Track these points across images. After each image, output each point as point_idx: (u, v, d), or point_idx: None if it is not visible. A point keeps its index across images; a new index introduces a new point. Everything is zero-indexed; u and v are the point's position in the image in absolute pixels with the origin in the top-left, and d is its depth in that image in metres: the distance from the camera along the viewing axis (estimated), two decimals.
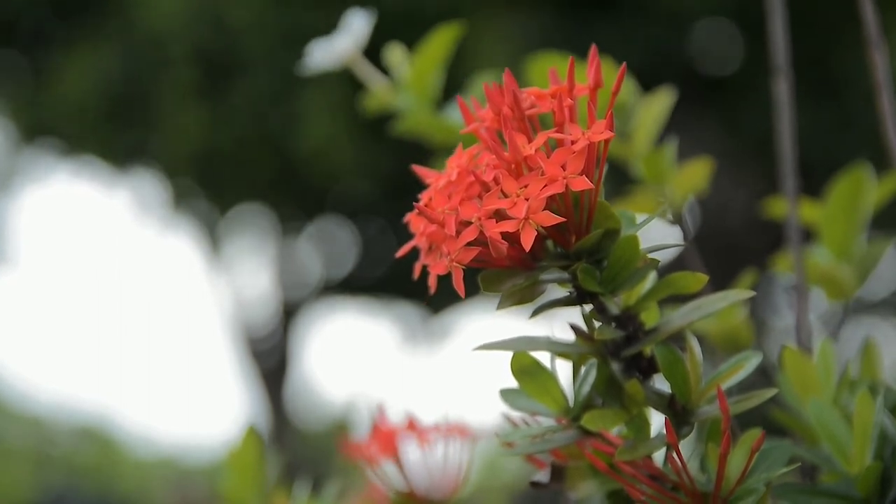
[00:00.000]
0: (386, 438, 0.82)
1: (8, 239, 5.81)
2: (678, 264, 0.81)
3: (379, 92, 0.89)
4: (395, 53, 0.89)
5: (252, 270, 5.98)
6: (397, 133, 0.90)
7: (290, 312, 5.91)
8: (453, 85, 0.91)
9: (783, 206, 0.87)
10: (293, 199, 4.83)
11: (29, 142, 5.00)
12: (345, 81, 3.48)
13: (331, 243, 5.52)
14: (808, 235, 0.89)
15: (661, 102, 0.85)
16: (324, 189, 4.65)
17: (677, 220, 0.83)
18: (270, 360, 5.97)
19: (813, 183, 0.94)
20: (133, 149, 4.73)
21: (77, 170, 5.37)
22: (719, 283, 0.80)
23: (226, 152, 4.30)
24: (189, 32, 4.00)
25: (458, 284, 0.52)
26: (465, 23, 0.88)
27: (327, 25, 0.90)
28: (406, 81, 0.88)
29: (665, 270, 0.58)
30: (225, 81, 4.07)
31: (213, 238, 5.61)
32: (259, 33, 3.89)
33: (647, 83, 0.88)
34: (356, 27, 0.87)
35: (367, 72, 0.89)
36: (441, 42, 0.88)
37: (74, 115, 4.36)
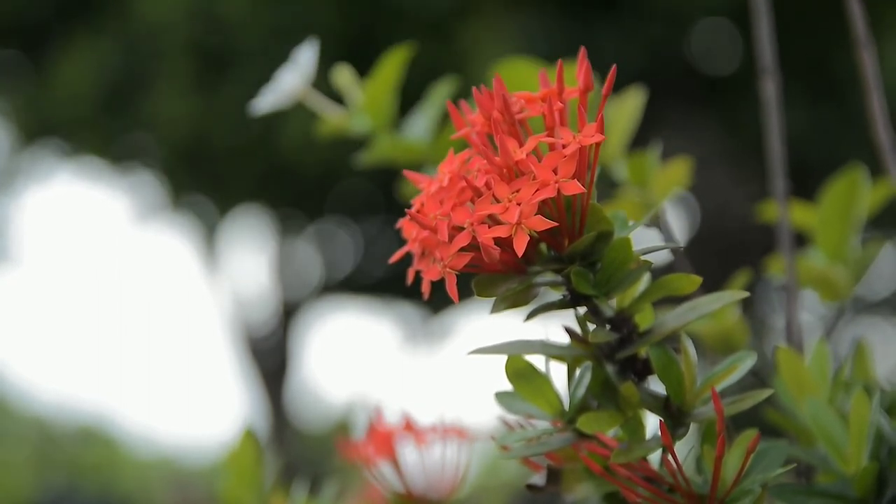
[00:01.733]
0: (383, 439, 0.82)
1: (9, 238, 5.82)
2: (669, 266, 0.81)
3: (332, 118, 0.89)
4: (343, 77, 0.89)
5: (252, 270, 5.99)
6: (366, 165, 0.90)
7: (290, 312, 5.91)
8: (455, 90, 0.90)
9: (774, 210, 0.87)
10: (292, 197, 4.83)
11: (30, 142, 5.00)
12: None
13: (331, 243, 5.52)
14: (804, 238, 0.89)
15: (631, 102, 0.84)
16: (323, 188, 4.65)
17: (657, 222, 0.83)
18: (270, 360, 5.97)
19: (815, 184, 0.94)
20: (131, 145, 4.74)
21: (77, 170, 5.38)
22: (719, 283, 0.80)
23: (221, 146, 4.30)
24: (185, 26, 4.01)
25: (452, 290, 0.53)
26: (463, 24, 0.88)
27: (320, 19, 0.90)
28: (361, 106, 0.88)
29: (656, 273, 0.58)
30: (220, 75, 4.08)
31: (213, 238, 5.61)
32: (253, 27, 3.90)
33: (648, 83, 0.88)
34: (303, 62, 0.87)
35: (320, 103, 0.89)
36: (393, 66, 0.87)
37: (73, 111, 4.37)
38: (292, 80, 0.87)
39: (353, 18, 3.61)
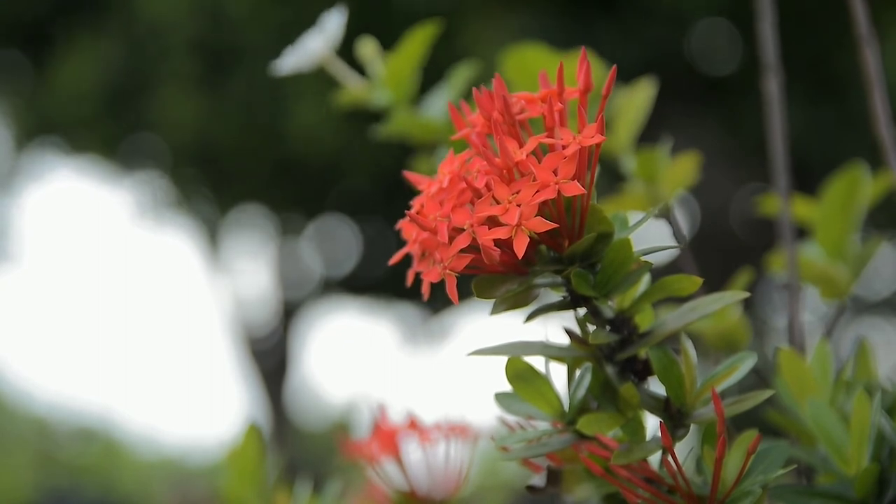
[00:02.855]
0: (387, 438, 0.82)
1: (10, 238, 5.82)
2: (673, 264, 0.81)
3: (353, 89, 0.88)
4: (366, 49, 0.89)
5: (252, 270, 5.99)
6: (384, 137, 0.89)
7: (290, 312, 5.91)
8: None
9: (776, 203, 0.87)
10: (293, 197, 4.83)
11: (31, 140, 5.00)
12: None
13: (331, 243, 5.52)
14: (803, 231, 0.88)
15: (642, 93, 0.84)
16: (326, 186, 4.65)
17: (667, 216, 0.83)
18: (270, 360, 5.97)
19: (815, 182, 0.94)
20: (133, 143, 4.74)
21: (79, 169, 5.38)
22: (720, 282, 0.80)
23: (225, 144, 4.30)
24: (188, 24, 4.01)
25: (452, 292, 0.52)
26: (465, 22, 0.88)
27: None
28: (382, 79, 0.88)
29: (660, 270, 0.58)
30: (224, 72, 4.08)
31: (214, 238, 5.61)
32: (257, 25, 3.90)
33: None
34: (329, 27, 0.87)
35: (341, 71, 0.88)
36: (419, 41, 0.87)
37: (75, 109, 4.37)
38: (317, 44, 0.86)
39: (354, 18, 3.60)
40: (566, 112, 0.55)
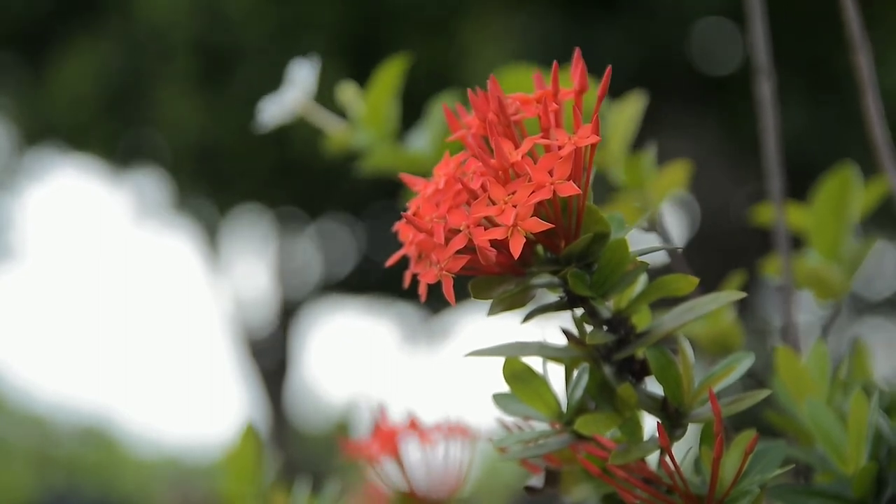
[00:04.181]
0: (387, 438, 0.82)
1: (10, 237, 5.82)
2: (669, 267, 0.81)
3: (336, 134, 0.89)
4: (347, 92, 0.89)
5: (252, 270, 5.98)
6: (363, 174, 0.90)
7: (290, 312, 5.91)
8: (453, 86, 0.90)
9: (770, 212, 0.87)
10: (293, 197, 4.83)
11: (31, 141, 5.00)
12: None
13: (331, 243, 5.52)
14: (802, 240, 0.89)
15: (632, 107, 0.85)
16: (325, 186, 4.65)
17: (654, 224, 0.83)
18: (270, 360, 5.97)
19: (817, 183, 0.94)
20: (133, 144, 4.74)
21: (79, 169, 5.38)
22: (719, 283, 0.80)
23: (225, 144, 4.30)
24: (188, 24, 4.01)
25: (448, 293, 0.52)
26: (465, 21, 0.89)
27: (323, 17, 0.90)
28: (361, 118, 0.88)
29: (657, 272, 0.58)
30: (224, 72, 4.08)
31: (214, 237, 5.61)
32: (257, 24, 3.90)
33: (648, 83, 0.88)
34: (302, 78, 0.88)
35: (321, 117, 0.89)
36: (391, 75, 0.87)
37: (75, 110, 4.37)
38: (293, 95, 0.87)
39: (355, 16, 3.61)
40: (561, 113, 0.55)
